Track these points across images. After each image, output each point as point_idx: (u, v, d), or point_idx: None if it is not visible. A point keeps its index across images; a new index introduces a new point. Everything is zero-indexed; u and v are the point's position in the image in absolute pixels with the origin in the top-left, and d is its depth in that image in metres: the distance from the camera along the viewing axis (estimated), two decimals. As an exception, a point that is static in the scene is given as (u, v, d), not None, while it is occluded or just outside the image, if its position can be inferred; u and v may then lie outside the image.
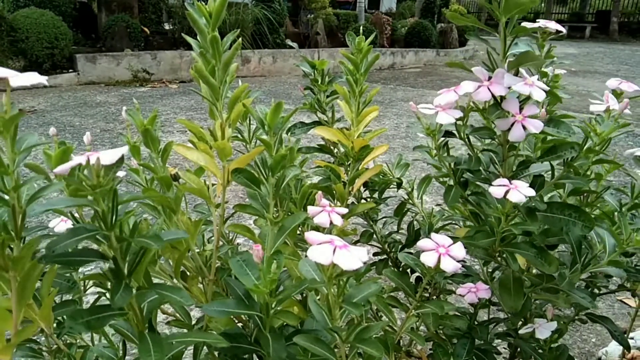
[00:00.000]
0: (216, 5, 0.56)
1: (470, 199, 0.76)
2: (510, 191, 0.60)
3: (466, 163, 0.73)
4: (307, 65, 0.89)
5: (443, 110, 0.69)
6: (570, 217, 0.67)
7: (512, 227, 0.66)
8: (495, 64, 0.66)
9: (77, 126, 3.84)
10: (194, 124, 0.58)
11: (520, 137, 0.63)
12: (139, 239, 0.44)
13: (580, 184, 0.71)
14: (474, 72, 0.66)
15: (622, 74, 8.00)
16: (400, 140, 3.80)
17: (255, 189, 0.58)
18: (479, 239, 0.69)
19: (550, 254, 0.67)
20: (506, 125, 0.64)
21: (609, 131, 0.68)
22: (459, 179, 0.76)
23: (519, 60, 0.64)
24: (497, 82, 0.63)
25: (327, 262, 0.39)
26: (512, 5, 0.60)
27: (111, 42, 6.04)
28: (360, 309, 0.45)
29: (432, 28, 9.12)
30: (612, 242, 0.71)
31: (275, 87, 6.01)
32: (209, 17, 0.57)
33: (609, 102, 0.76)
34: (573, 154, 0.67)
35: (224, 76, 0.58)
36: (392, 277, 0.62)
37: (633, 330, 1.52)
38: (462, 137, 0.73)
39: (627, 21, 17.43)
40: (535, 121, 0.63)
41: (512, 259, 0.70)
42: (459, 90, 0.66)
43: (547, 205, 0.68)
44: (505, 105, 0.65)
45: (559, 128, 0.66)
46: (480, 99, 0.64)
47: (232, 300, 0.54)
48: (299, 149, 0.92)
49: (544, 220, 0.68)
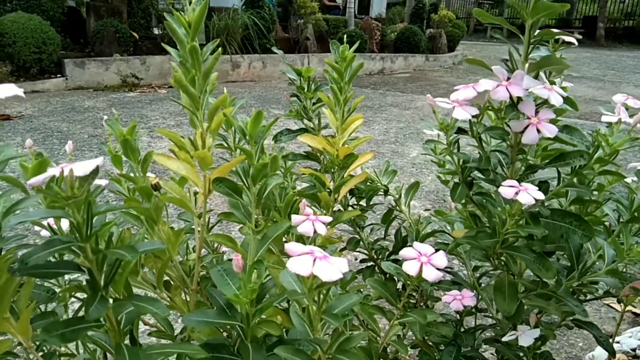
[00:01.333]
0: (195, 15, 0.55)
1: (475, 198, 0.75)
2: (520, 192, 0.60)
3: (476, 162, 0.73)
4: (293, 73, 0.89)
5: (460, 106, 0.68)
6: (571, 225, 0.67)
7: (519, 228, 0.66)
8: (516, 65, 0.66)
9: (64, 132, 3.81)
10: (174, 132, 0.58)
11: (534, 140, 0.63)
12: (114, 251, 0.43)
13: (584, 193, 0.71)
14: (494, 71, 0.66)
15: (608, 78, 8.10)
16: (390, 145, 3.81)
17: (237, 198, 0.57)
18: (481, 239, 0.69)
19: (548, 260, 0.67)
20: (520, 127, 0.65)
21: (621, 142, 0.68)
22: (466, 177, 0.75)
23: (540, 63, 0.64)
24: (516, 83, 0.63)
25: (307, 273, 0.39)
26: (540, 7, 0.59)
27: (100, 47, 6.01)
28: (340, 320, 0.45)
29: (421, 33, 9.17)
30: (612, 252, 0.71)
31: (265, 92, 6.01)
32: (188, 27, 0.57)
33: (621, 114, 0.77)
34: (582, 162, 0.67)
35: (204, 85, 0.58)
36: (375, 286, 0.62)
37: (619, 334, 1.53)
38: (474, 135, 0.72)
39: (613, 27, 17.66)
40: (550, 125, 0.63)
41: (512, 262, 0.70)
42: (477, 87, 0.66)
43: (549, 211, 0.68)
44: (522, 107, 0.65)
45: (572, 135, 0.66)
46: (498, 98, 0.64)
47: (213, 311, 0.54)
48: (286, 155, 0.92)
49: (546, 226, 0.68)
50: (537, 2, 0.59)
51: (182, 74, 0.55)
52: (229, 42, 6.74)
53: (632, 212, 0.79)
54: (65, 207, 0.41)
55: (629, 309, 1.71)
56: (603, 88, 7.04)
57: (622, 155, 3.56)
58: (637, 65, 10.32)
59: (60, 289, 0.60)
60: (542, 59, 0.63)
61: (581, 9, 20.72)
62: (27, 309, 0.51)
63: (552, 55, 0.63)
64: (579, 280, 0.72)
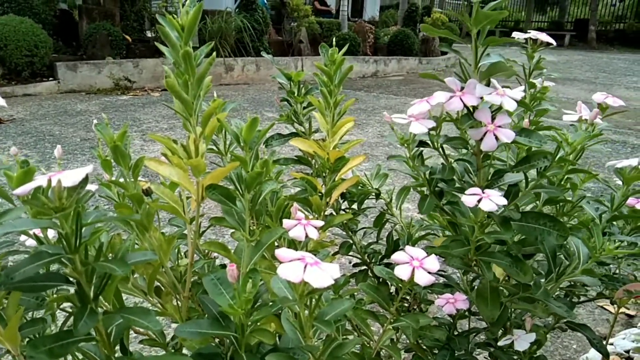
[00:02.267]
0: (189, 18, 0.55)
1: (446, 208, 0.76)
2: (482, 200, 0.60)
3: (440, 173, 0.73)
4: (283, 77, 0.89)
5: (416, 120, 0.69)
6: (545, 227, 0.67)
7: (486, 236, 0.66)
8: (467, 74, 0.67)
9: (57, 135, 3.78)
10: (166, 137, 0.57)
11: (492, 146, 0.64)
12: (103, 264, 0.43)
13: (554, 194, 0.71)
14: (447, 83, 0.66)
15: (600, 81, 8.15)
16: (383, 148, 3.82)
17: (231, 206, 0.57)
18: (453, 248, 0.69)
19: (525, 263, 0.67)
20: (479, 135, 0.65)
21: (580, 140, 0.68)
22: (434, 188, 0.76)
23: (489, 70, 0.65)
24: (469, 92, 0.64)
25: (298, 280, 0.39)
26: (481, 17, 0.60)
27: (92, 50, 5.98)
28: (331, 327, 0.44)
29: (414, 36, 9.20)
30: (586, 251, 0.71)
31: (258, 95, 6.00)
32: (182, 30, 0.56)
33: (582, 112, 0.77)
34: (546, 163, 0.68)
35: (198, 90, 0.58)
36: (367, 291, 0.62)
37: (613, 336, 1.53)
38: (435, 147, 0.73)
39: (605, 30, 17.82)
40: (507, 131, 0.63)
41: (487, 268, 0.70)
42: (431, 101, 0.67)
43: (522, 214, 0.68)
44: (478, 115, 0.65)
45: (530, 137, 0.66)
46: (453, 109, 0.64)
47: (206, 320, 0.53)
48: (277, 160, 0.91)
49: (520, 230, 0.68)
50: (478, 12, 0.59)
51: (174, 79, 0.54)
52: (222, 45, 6.74)
53: (613, 210, 0.79)
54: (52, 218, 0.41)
55: (622, 311, 1.72)
56: (595, 90, 7.04)
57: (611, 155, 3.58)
58: (628, 67, 10.40)
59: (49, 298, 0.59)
60: (490, 66, 0.64)
61: (573, 11, 20.88)
62: (15, 316, 0.51)
63: (500, 61, 0.63)
64: (557, 281, 0.72)
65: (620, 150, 3.87)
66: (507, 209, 0.67)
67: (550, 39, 0.78)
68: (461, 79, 0.67)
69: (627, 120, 5.04)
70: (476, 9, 0.61)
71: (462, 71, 0.67)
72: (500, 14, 0.60)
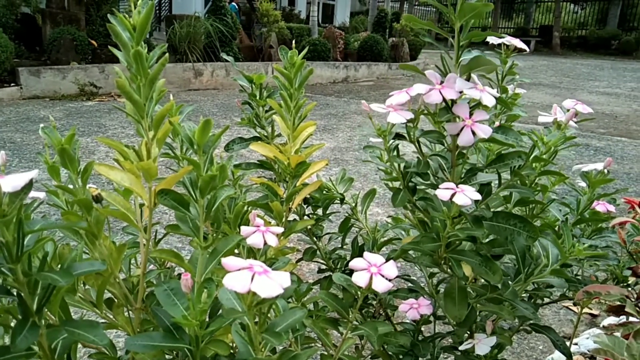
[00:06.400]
0: (141, 18, 0.53)
1: (418, 204, 0.75)
2: (456, 194, 0.59)
3: (415, 166, 0.72)
4: (244, 80, 0.87)
5: (395, 111, 0.68)
6: (515, 227, 0.67)
7: (458, 231, 0.66)
8: (448, 68, 0.66)
9: (18, 142, 3.67)
10: (116, 141, 0.55)
11: (468, 141, 0.63)
12: (46, 274, 0.40)
13: (526, 194, 0.71)
14: (427, 75, 0.65)
15: (564, 85, 8.37)
16: (353, 152, 3.82)
17: (184, 212, 0.55)
18: (424, 244, 0.68)
19: (495, 263, 0.67)
20: (456, 130, 0.64)
21: (555, 141, 0.68)
22: (408, 182, 0.75)
23: (470, 64, 0.64)
24: (449, 85, 0.63)
25: (244, 290, 0.37)
26: (466, 9, 0.59)
27: (56, 55, 5.84)
28: (281, 339, 0.43)
29: (383, 42, 9.28)
30: (556, 252, 0.72)
31: (228, 100, 5.95)
32: (133, 30, 0.54)
33: (557, 114, 0.78)
34: (520, 162, 0.67)
35: (150, 93, 0.55)
36: (326, 300, 0.61)
37: (577, 336, 1.56)
38: (412, 139, 0.72)
39: (568, 36, 18.36)
40: (484, 126, 0.63)
41: (456, 265, 0.69)
42: (410, 92, 0.66)
43: (493, 214, 0.68)
44: (456, 109, 0.65)
45: (507, 135, 0.66)
46: (432, 101, 0.64)
47: (158, 333, 0.51)
48: (239, 164, 0.89)
49: (490, 229, 0.68)
50: (463, 4, 0.59)
51: (125, 80, 0.52)
52: (191, 50, 6.67)
53: (578, 213, 0.80)
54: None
55: (586, 311, 1.75)
56: (559, 95, 7.26)
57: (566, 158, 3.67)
58: (590, 72, 10.71)
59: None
60: (471, 60, 0.63)
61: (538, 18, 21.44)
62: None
63: (481, 56, 0.63)
64: (525, 282, 0.72)
65: (583, 153, 3.97)
66: (479, 208, 0.67)
67: (524, 45, 0.79)
68: (441, 73, 0.66)
69: (590, 123, 5.18)
70: (461, 1, 0.60)
71: (443, 65, 0.66)
72: (486, 6, 0.59)
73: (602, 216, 0.83)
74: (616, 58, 15.31)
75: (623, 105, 6.65)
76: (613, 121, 5.52)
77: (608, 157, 0.88)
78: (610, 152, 4.09)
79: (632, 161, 3.82)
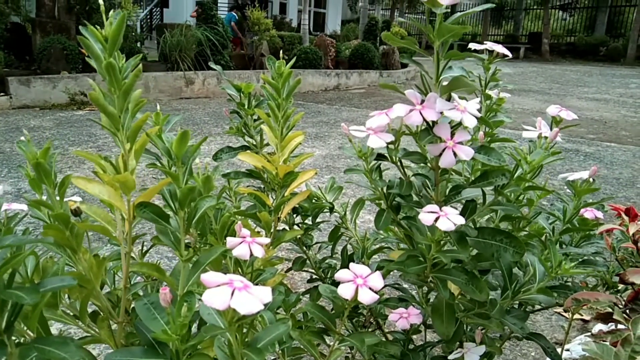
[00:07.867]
0: (112, 29, 0.52)
1: (403, 223, 0.74)
2: (440, 218, 0.58)
3: (398, 188, 0.71)
4: (232, 89, 0.86)
5: (375, 134, 0.67)
6: (502, 243, 0.66)
7: (442, 255, 0.64)
8: (428, 87, 0.65)
9: (7, 152, 3.64)
10: (94, 154, 0.54)
11: (450, 163, 0.62)
12: (10, 292, 0.39)
13: (511, 211, 0.70)
14: (407, 95, 0.64)
15: (554, 92, 8.43)
16: (345, 160, 3.82)
17: (164, 224, 0.54)
18: (409, 266, 0.67)
19: (481, 281, 0.66)
20: (437, 151, 0.63)
21: (539, 160, 0.67)
22: (391, 202, 0.74)
23: (451, 85, 0.63)
24: (430, 106, 0.62)
25: (223, 307, 0.36)
26: (444, 30, 0.59)
27: (47, 65, 5.81)
28: (262, 355, 0.42)
29: (374, 50, 9.32)
30: (542, 269, 0.71)
31: (219, 109, 5.94)
32: (105, 42, 0.53)
33: (542, 129, 0.77)
34: (504, 180, 0.67)
35: (125, 104, 0.54)
36: (312, 312, 0.60)
37: (569, 342, 1.55)
38: (394, 161, 0.71)
39: (557, 43, 18.54)
40: (466, 148, 0.62)
41: (442, 286, 0.68)
42: (390, 114, 0.65)
43: (478, 230, 0.67)
44: (437, 130, 0.63)
45: (489, 155, 0.64)
46: (412, 123, 0.62)
47: (139, 348, 0.50)
48: (227, 173, 0.88)
49: (476, 246, 0.67)
50: (441, 25, 0.58)
51: (99, 92, 0.51)
52: (182, 58, 6.66)
53: (565, 222, 0.80)
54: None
55: (578, 317, 1.74)
56: (549, 101, 7.31)
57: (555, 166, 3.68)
58: (579, 78, 10.81)
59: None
60: (452, 80, 0.62)
61: (527, 25, 21.66)
62: None
63: (461, 76, 0.62)
64: (512, 299, 0.71)
65: (573, 159, 3.99)
66: (464, 225, 0.66)
67: (507, 51, 0.78)
68: (421, 92, 0.65)
69: (580, 129, 5.21)
70: (439, 22, 0.60)
71: (423, 84, 0.65)
72: (463, 28, 0.58)
73: (589, 223, 0.82)
74: (604, 64, 15.47)
75: (612, 110, 6.71)
76: (602, 127, 5.56)
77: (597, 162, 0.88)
78: (600, 157, 4.11)
79: (621, 166, 3.84)
